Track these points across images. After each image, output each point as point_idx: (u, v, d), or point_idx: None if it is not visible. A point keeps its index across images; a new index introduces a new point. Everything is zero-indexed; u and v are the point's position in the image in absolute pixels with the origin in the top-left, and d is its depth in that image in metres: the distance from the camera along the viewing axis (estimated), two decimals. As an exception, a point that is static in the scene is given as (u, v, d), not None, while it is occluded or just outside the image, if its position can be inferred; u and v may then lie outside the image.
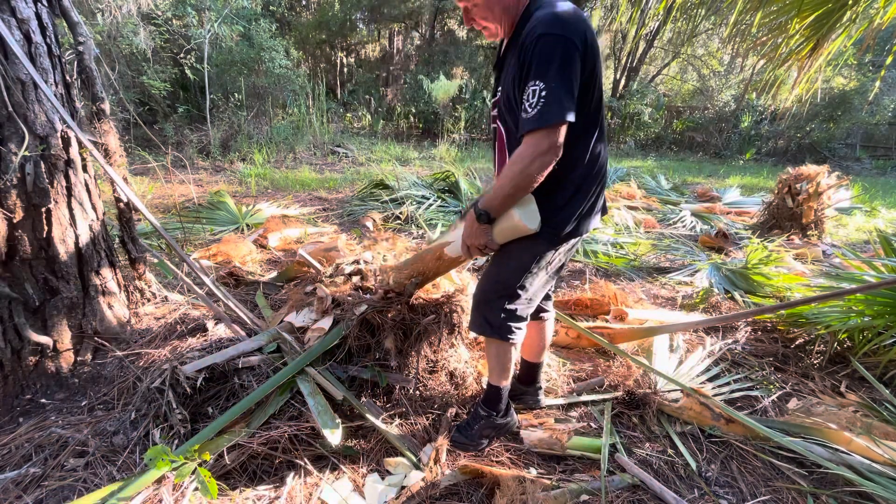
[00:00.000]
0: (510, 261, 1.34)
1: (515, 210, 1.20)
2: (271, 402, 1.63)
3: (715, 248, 4.00)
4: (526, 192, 1.15)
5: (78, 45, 1.81)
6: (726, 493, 1.47)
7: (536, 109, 1.05)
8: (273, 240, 3.43)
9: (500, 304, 1.38)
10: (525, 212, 1.21)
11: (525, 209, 1.21)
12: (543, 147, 1.08)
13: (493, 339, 1.45)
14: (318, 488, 1.38)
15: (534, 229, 1.22)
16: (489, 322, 1.41)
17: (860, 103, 11.45)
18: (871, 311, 2.07)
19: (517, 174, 1.11)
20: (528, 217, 1.21)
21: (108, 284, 1.85)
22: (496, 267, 1.38)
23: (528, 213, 1.21)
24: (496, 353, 1.50)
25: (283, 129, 7.89)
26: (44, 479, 1.36)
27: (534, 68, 1.06)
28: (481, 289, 1.43)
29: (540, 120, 1.05)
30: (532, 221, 1.22)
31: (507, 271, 1.35)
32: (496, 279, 1.38)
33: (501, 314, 1.39)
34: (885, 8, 2.21)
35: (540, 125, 1.05)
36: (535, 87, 1.05)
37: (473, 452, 1.56)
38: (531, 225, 1.21)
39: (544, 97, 1.04)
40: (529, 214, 1.22)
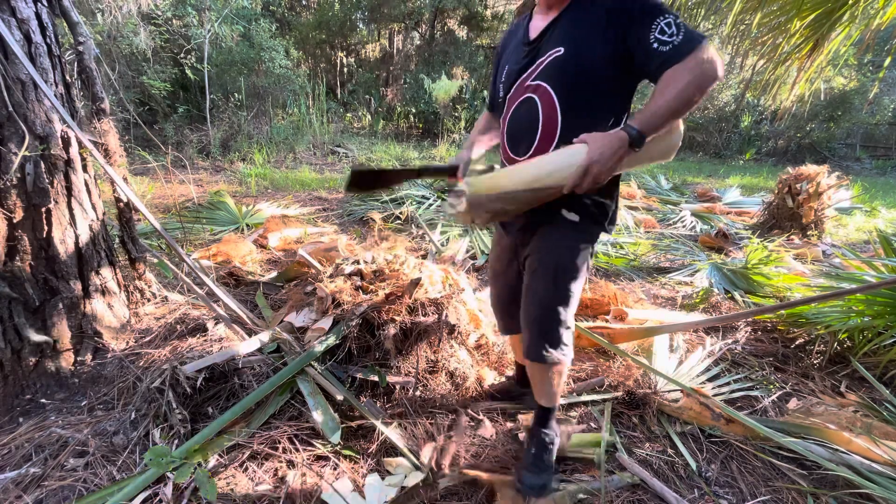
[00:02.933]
0: (567, 270, 1.23)
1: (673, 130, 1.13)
2: (271, 402, 1.63)
3: (715, 248, 4.00)
4: (690, 108, 1.04)
5: (78, 45, 1.81)
6: (726, 493, 1.47)
7: (682, 34, 0.99)
8: (273, 240, 3.43)
9: (561, 322, 1.26)
10: (677, 131, 1.16)
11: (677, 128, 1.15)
12: (707, 58, 0.98)
13: (556, 363, 1.32)
14: (318, 488, 1.38)
15: (677, 145, 1.17)
16: (552, 346, 1.28)
17: (860, 103, 11.45)
18: (871, 311, 2.07)
19: (686, 87, 0.98)
20: (677, 136, 1.17)
21: (108, 284, 1.85)
22: (552, 280, 1.24)
23: (678, 131, 1.17)
24: (555, 374, 1.36)
25: (283, 129, 7.89)
26: (44, 479, 1.36)
27: (648, 8, 1.02)
28: (540, 311, 1.27)
29: (693, 39, 0.98)
30: (678, 139, 1.17)
31: (565, 281, 1.24)
32: (555, 294, 1.25)
33: (562, 332, 1.28)
34: (884, 8, 2.21)
35: (695, 44, 0.98)
36: (663, 20, 1.00)
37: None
38: (678, 142, 1.17)
39: (679, 24, 1.00)
40: (678, 133, 1.17)
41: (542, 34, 1.18)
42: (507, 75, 1.26)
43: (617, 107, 1.17)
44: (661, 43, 1.01)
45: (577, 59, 1.11)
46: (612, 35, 1.06)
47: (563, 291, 1.25)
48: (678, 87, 0.99)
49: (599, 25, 1.08)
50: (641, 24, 1.02)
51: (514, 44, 1.28)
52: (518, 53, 1.24)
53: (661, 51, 1.01)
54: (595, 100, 1.14)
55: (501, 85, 1.29)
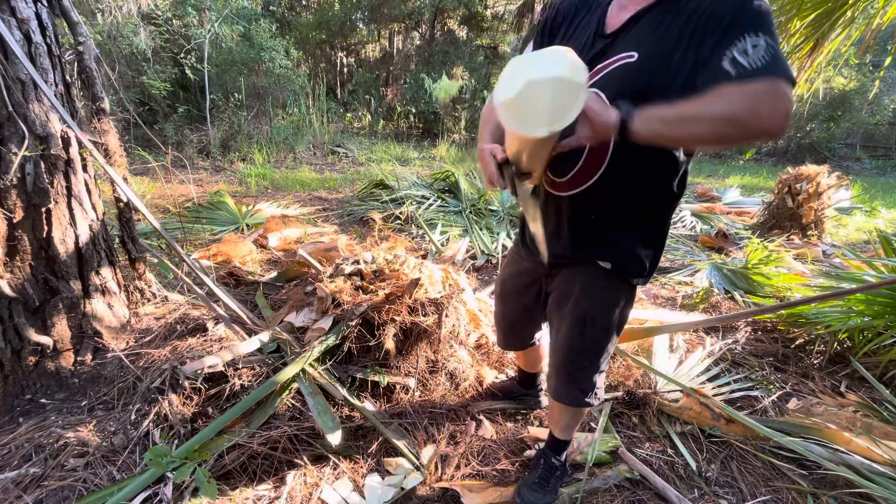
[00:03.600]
0: (596, 322, 1.13)
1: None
2: (271, 402, 1.63)
3: (715, 248, 4.00)
4: (713, 142, 0.80)
5: (78, 45, 1.81)
6: (726, 493, 1.47)
7: (769, 57, 0.75)
8: (273, 240, 3.43)
9: (589, 369, 1.19)
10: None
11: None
12: (783, 96, 0.74)
13: (584, 406, 1.27)
14: (318, 488, 1.38)
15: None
16: (584, 391, 1.21)
17: (860, 103, 11.45)
18: (871, 311, 2.07)
19: (728, 111, 0.75)
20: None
21: (108, 284, 1.85)
22: (579, 331, 1.14)
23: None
24: (578, 414, 1.35)
25: (283, 129, 7.89)
26: (44, 479, 1.36)
27: (747, 22, 0.78)
28: (567, 359, 1.19)
29: (778, 66, 0.75)
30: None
31: (593, 333, 1.14)
32: (583, 346, 1.16)
33: (594, 378, 1.20)
34: (884, 7, 2.21)
35: (779, 72, 0.75)
36: (758, 40, 0.76)
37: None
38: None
39: (774, 51, 0.76)
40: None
41: (621, 29, 0.93)
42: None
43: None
44: (733, 63, 0.77)
45: (651, 72, 0.87)
46: (699, 41, 0.83)
47: (592, 342, 1.15)
48: (717, 106, 0.76)
49: (687, 34, 0.84)
50: (726, 34, 0.79)
51: (582, 22, 1.02)
52: (586, 44, 0.98)
53: (725, 70, 0.77)
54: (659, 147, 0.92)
55: None
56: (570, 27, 1.04)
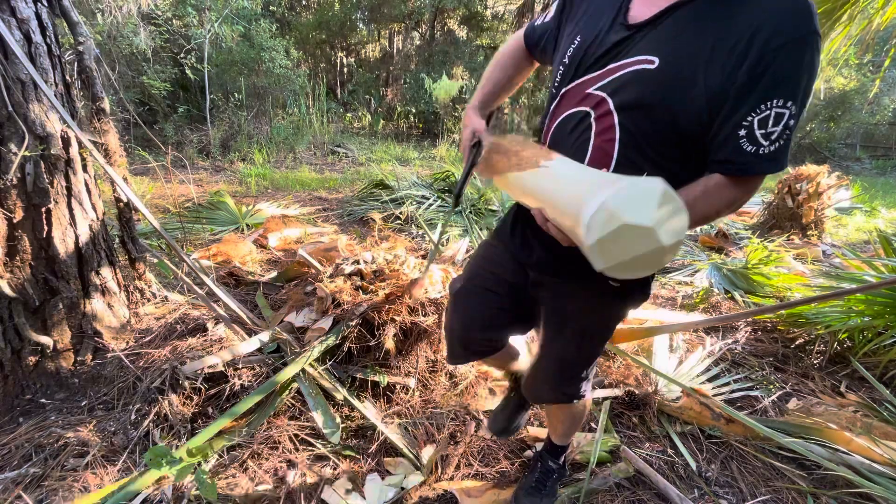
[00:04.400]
0: (595, 335, 1.08)
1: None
2: (271, 402, 1.63)
3: (715, 248, 4.00)
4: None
5: (78, 45, 1.81)
6: (726, 493, 1.47)
7: (778, 145, 0.72)
8: (273, 240, 3.43)
9: (586, 378, 1.16)
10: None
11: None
12: (746, 194, 0.77)
13: (572, 404, 1.23)
14: (318, 488, 1.38)
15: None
16: (568, 394, 1.18)
17: (860, 103, 11.45)
18: (871, 311, 2.07)
19: (713, 214, 0.79)
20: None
21: (108, 284, 1.85)
22: (576, 345, 1.09)
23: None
24: (573, 414, 1.29)
25: (283, 129, 7.89)
26: (44, 479, 1.36)
27: (792, 80, 0.69)
28: (560, 371, 1.14)
29: (779, 163, 0.73)
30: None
31: (592, 345, 1.10)
32: (578, 357, 1.11)
33: (582, 383, 1.17)
34: (883, 7, 2.21)
35: (776, 170, 0.74)
36: (786, 109, 0.69)
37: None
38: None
39: (790, 130, 0.71)
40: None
41: (648, 22, 0.78)
42: (574, 57, 0.86)
43: (694, 156, 0.80)
44: (751, 139, 0.71)
45: (669, 87, 0.75)
46: (733, 62, 0.70)
47: (589, 355, 1.12)
48: (713, 207, 0.77)
49: (725, 51, 0.71)
50: (761, 86, 0.69)
51: (605, 7, 0.85)
52: (602, 31, 0.83)
53: (743, 148, 0.72)
54: (673, 144, 0.79)
55: (562, 68, 0.88)
56: (588, 9, 0.88)
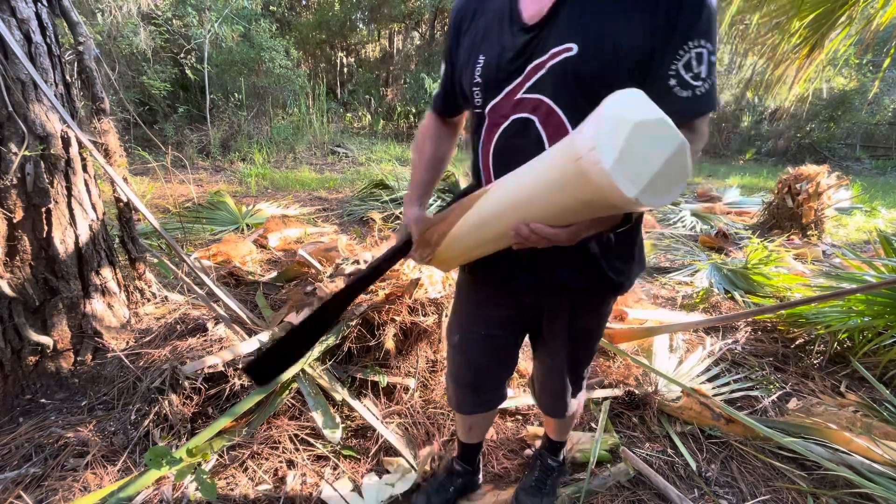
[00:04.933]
0: (602, 332, 1.09)
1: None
2: (271, 403, 1.63)
3: (715, 248, 4.00)
4: None
5: (78, 45, 1.81)
6: (726, 493, 1.47)
7: (711, 81, 0.72)
8: (273, 240, 3.43)
9: (586, 376, 1.18)
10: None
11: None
12: (703, 139, 0.77)
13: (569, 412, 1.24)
14: (318, 488, 1.38)
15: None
16: (580, 388, 1.19)
17: (860, 103, 11.46)
18: (871, 311, 2.07)
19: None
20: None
21: (108, 284, 1.85)
22: (590, 346, 1.09)
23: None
24: (573, 418, 1.32)
25: (283, 129, 7.89)
26: (44, 479, 1.36)
27: (702, 19, 0.70)
28: (579, 372, 1.14)
29: (712, 96, 0.74)
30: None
31: (598, 339, 1.10)
32: (592, 355, 1.12)
33: (583, 385, 1.19)
34: (883, 8, 2.21)
35: (712, 105, 0.74)
36: (704, 48, 0.70)
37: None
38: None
39: (713, 61, 0.72)
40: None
41: (548, 17, 0.76)
42: (486, 74, 0.83)
43: None
44: (682, 84, 0.72)
45: (597, 62, 0.73)
46: (645, 20, 0.71)
47: (591, 354, 1.12)
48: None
49: (631, 6, 0.72)
50: (677, 34, 0.70)
51: (489, 12, 0.83)
52: (503, 40, 0.80)
53: (678, 95, 0.72)
54: None
55: (477, 88, 0.85)
56: (479, 18, 0.85)
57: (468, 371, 1.14)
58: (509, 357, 1.15)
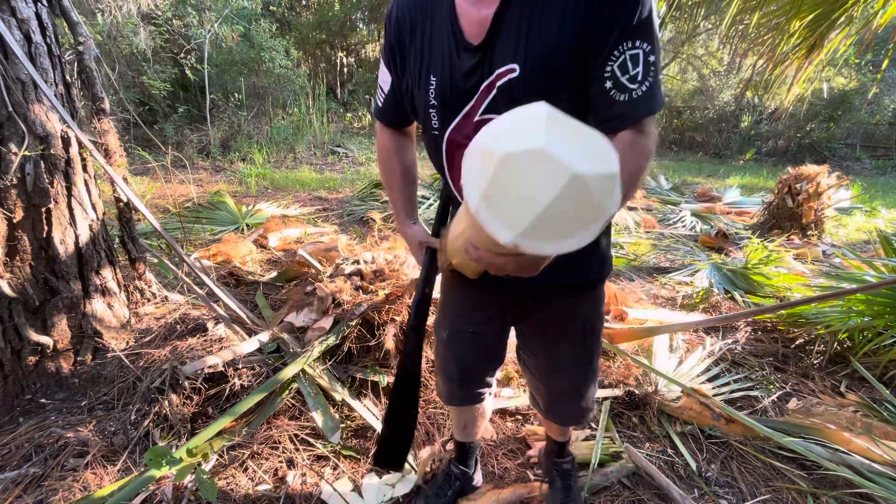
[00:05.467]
0: (598, 332, 1.07)
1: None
2: (271, 402, 1.63)
3: (715, 248, 4.00)
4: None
5: (78, 45, 1.81)
6: (726, 493, 1.47)
7: (649, 82, 0.70)
8: (273, 240, 3.43)
9: (596, 377, 1.14)
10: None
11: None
12: (653, 140, 0.74)
13: (587, 421, 1.20)
14: (318, 488, 1.38)
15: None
16: (588, 408, 1.16)
17: (860, 103, 11.45)
18: (871, 311, 2.07)
19: (636, 177, 0.73)
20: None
21: (108, 284, 1.85)
22: (592, 342, 1.07)
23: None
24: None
25: (283, 129, 7.89)
26: (44, 479, 1.36)
27: (635, 19, 0.68)
28: (586, 374, 1.10)
29: (658, 100, 0.72)
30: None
31: (597, 341, 1.08)
32: (597, 354, 1.10)
33: (595, 388, 1.15)
34: (882, 8, 2.21)
35: (659, 107, 0.72)
36: (639, 49, 0.69)
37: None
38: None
39: (654, 66, 0.70)
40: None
41: (488, 37, 0.74)
42: (441, 96, 0.81)
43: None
44: (618, 86, 0.71)
45: (540, 80, 0.73)
46: (578, 23, 0.70)
47: (595, 352, 1.09)
48: (639, 172, 0.73)
49: (568, 21, 0.70)
50: (611, 35, 0.69)
51: (439, 35, 0.80)
52: (453, 60, 0.79)
53: (615, 98, 0.72)
54: (584, 118, 0.74)
55: (433, 111, 0.83)
56: (421, 30, 0.82)
57: (455, 366, 1.16)
58: (496, 352, 1.17)
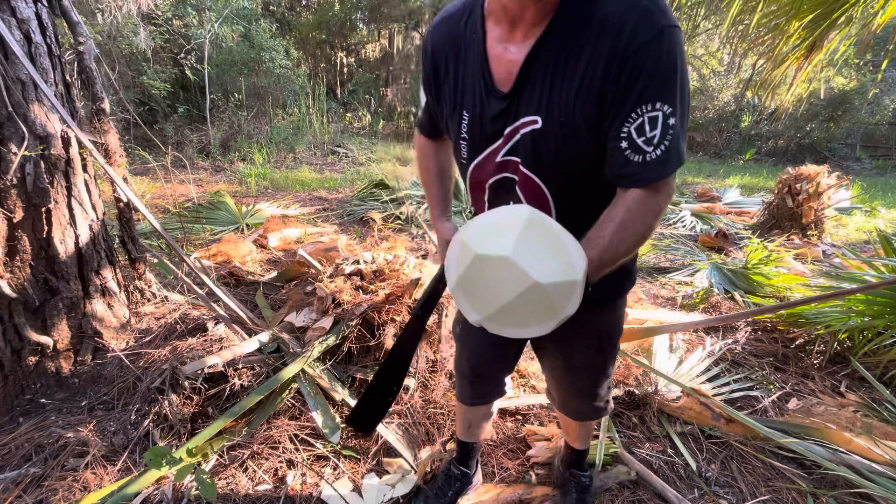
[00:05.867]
0: (616, 336, 1.09)
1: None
2: (271, 402, 1.63)
3: (715, 248, 4.00)
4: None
5: (78, 45, 1.81)
6: (726, 493, 1.47)
7: (665, 146, 0.71)
8: (273, 240, 3.43)
9: (610, 377, 1.16)
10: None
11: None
12: (666, 200, 0.76)
13: (605, 414, 1.23)
14: (318, 488, 1.38)
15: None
16: (606, 400, 1.18)
17: (860, 103, 11.45)
18: (871, 311, 2.07)
19: (642, 235, 0.77)
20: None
21: (108, 284, 1.85)
22: (604, 352, 1.09)
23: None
24: (594, 422, 1.32)
25: (283, 129, 7.89)
26: (44, 479, 1.36)
27: (655, 81, 0.69)
28: (594, 381, 1.12)
29: (673, 163, 0.73)
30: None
31: (613, 346, 1.10)
32: (606, 361, 1.11)
33: (610, 385, 1.18)
34: (882, 9, 2.21)
35: (673, 170, 0.73)
36: (658, 111, 0.70)
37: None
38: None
39: (672, 129, 0.71)
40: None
41: (517, 84, 0.77)
42: (471, 133, 0.86)
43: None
44: (633, 147, 0.72)
45: (559, 135, 0.76)
46: (599, 82, 0.71)
47: (610, 357, 1.11)
48: (639, 231, 0.76)
49: (587, 81, 0.72)
50: (630, 96, 0.70)
51: (472, 75, 0.83)
52: (483, 102, 0.82)
53: (629, 158, 0.73)
54: (597, 177, 0.80)
55: (464, 143, 0.89)
56: (456, 78, 0.86)
57: (467, 363, 1.20)
58: (508, 354, 1.18)
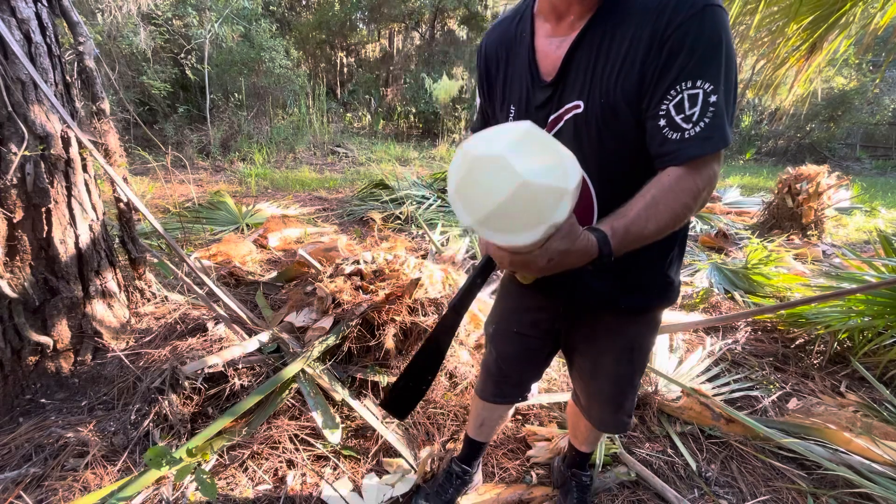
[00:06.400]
0: (646, 350, 1.10)
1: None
2: (271, 402, 1.63)
3: (715, 248, 4.00)
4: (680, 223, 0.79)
5: (78, 45, 1.81)
6: (726, 493, 1.47)
7: (704, 124, 0.71)
8: (273, 240, 3.43)
9: (637, 388, 1.16)
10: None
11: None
12: (706, 182, 0.74)
13: (628, 429, 1.22)
14: (318, 488, 1.38)
15: None
16: (629, 414, 1.16)
17: (860, 103, 11.45)
18: (871, 311, 2.07)
19: (676, 214, 0.74)
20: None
21: (108, 284, 1.85)
22: (633, 364, 1.08)
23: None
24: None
25: (283, 129, 7.89)
26: (44, 479, 1.36)
27: (696, 58, 0.69)
28: (620, 391, 1.12)
29: (714, 141, 0.71)
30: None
31: (643, 359, 1.10)
32: (634, 373, 1.10)
33: (635, 398, 1.17)
34: (882, 9, 2.21)
35: (714, 149, 0.72)
36: (699, 89, 0.70)
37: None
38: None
39: (714, 106, 0.70)
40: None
41: (560, 74, 0.81)
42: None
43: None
44: (672, 125, 0.72)
45: (601, 118, 0.79)
46: (641, 61, 0.73)
47: (640, 368, 1.11)
48: (675, 206, 0.73)
49: (628, 65, 0.74)
50: (670, 76, 0.71)
51: (514, 68, 0.90)
52: (528, 93, 0.88)
53: (667, 136, 0.73)
54: (639, 162, 0.81)
55: None
56: (506, 67, 0.92)
57: (494, 362, 1.21)
58: (537, 359, 1.19)
